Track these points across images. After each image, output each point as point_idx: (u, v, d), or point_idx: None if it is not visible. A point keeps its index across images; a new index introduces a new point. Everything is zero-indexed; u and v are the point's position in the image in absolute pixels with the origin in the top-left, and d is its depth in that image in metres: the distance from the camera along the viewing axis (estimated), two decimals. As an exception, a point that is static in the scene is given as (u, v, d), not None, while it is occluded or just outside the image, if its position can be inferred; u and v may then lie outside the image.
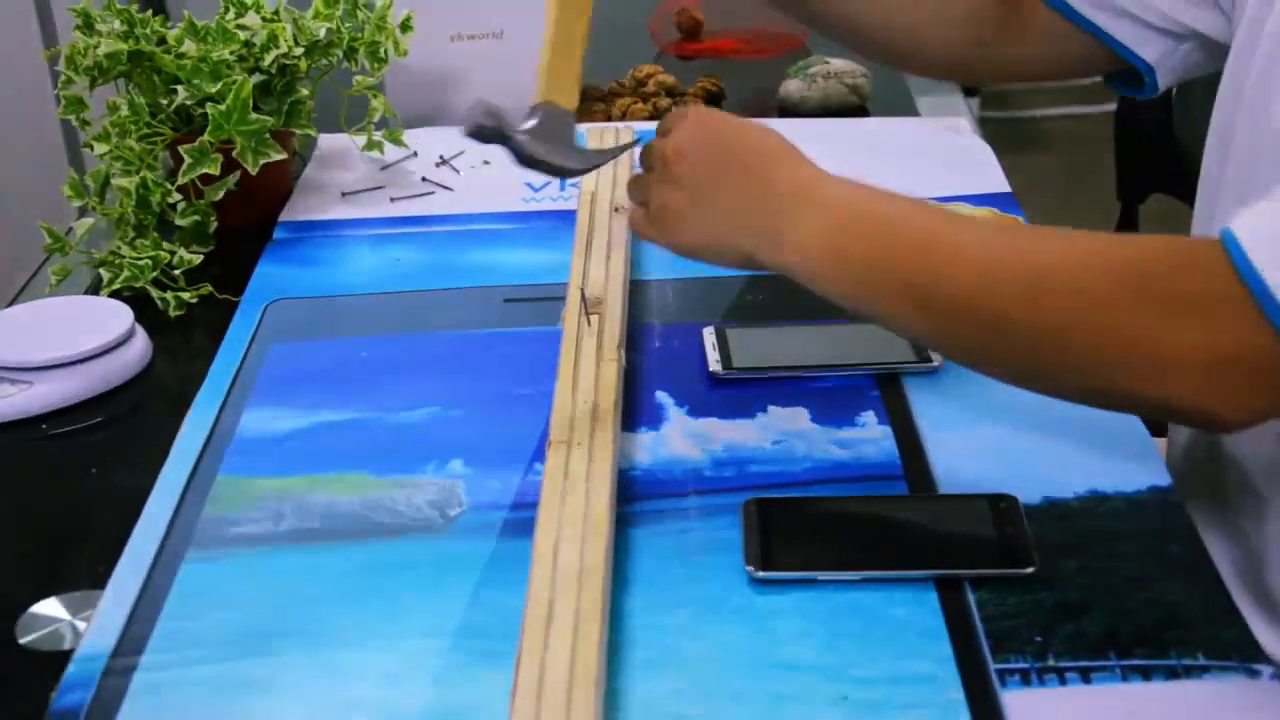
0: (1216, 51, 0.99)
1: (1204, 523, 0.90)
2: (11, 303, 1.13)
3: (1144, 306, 0.71)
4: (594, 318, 0.98)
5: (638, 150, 0.91)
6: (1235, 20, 0.95)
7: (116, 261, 1.12)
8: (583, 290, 1.00)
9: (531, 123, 0.88)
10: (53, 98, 1.22)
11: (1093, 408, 0.79)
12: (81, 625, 0.77)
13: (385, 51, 1.26)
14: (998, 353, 0.76)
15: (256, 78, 1.17)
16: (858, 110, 1.46)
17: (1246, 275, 0.68)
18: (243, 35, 1.19)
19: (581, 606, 0.71)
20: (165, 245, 1.13)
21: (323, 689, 0.72)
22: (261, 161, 1.15)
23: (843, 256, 0.81)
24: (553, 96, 0.90)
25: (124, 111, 1.16)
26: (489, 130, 0.86)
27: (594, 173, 1.21)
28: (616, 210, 1.14)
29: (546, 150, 0.88)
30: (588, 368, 0.92)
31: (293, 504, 0.86)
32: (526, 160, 0.88)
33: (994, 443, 0.90)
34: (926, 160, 1.29)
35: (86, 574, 0.81)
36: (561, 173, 0.92)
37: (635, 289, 1.08)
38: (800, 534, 0.81)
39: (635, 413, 0.93)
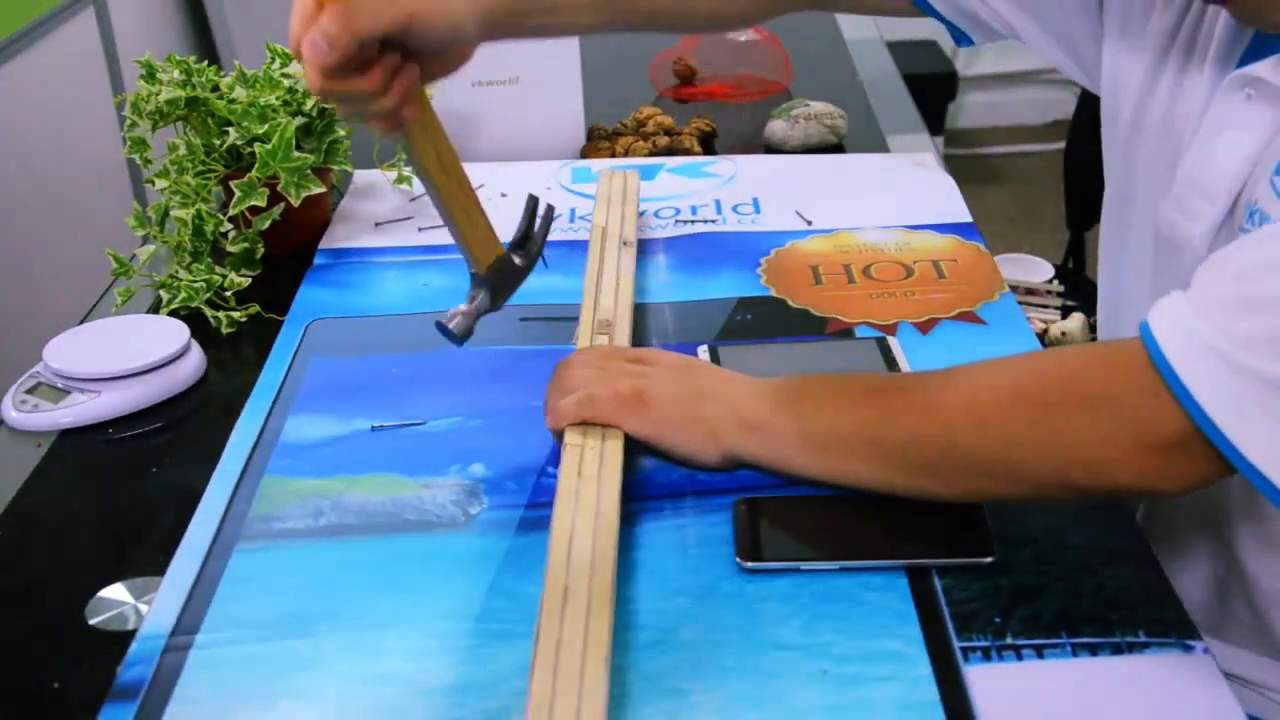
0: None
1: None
2: (82, 321, 1.13)
3: (1077, 414, 0.72)
4: (604, 336, 0.97)
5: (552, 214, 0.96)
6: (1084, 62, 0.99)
7: (174, 284, 1.12)
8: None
9: (477, 298, 0.91)
10: (120, 139, 1.22)
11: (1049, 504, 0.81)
12: (144, 608, 0.77)
13: (414, 97, 1.26)
14: (950, 476, 0.76)
15: (299, 120, 1.17)
16: (835, 148, 1.46)
17: (1160, 364, 0.68)
18: (287, 83, 1.19)
19: (593, 591, 0.71)
20: (218, 270, 1.13)
21: (358, 665, 0.72)
22: (303, 194, 1.15)
23: (797, 407, 0.82)
24: (485, 256, 0.91)
25: (182, 151, 1.16)
26: (447, 332, 0.89)
27: (603, 207, 1.21)
28: (625, 244, 1.13)
29: (485, 301, 0.91)
30: None
31: (331, 502, 0.86)
32: (466, 333, 0.90)
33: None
34: (896, 193, 1.29)
35: (148, 562, 0.81)
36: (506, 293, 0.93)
37: (638, 311, 1.08)
38: (785, 529, 0.81)
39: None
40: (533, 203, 0.95)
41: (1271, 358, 0.65)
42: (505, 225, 1.27)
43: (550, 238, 1.04)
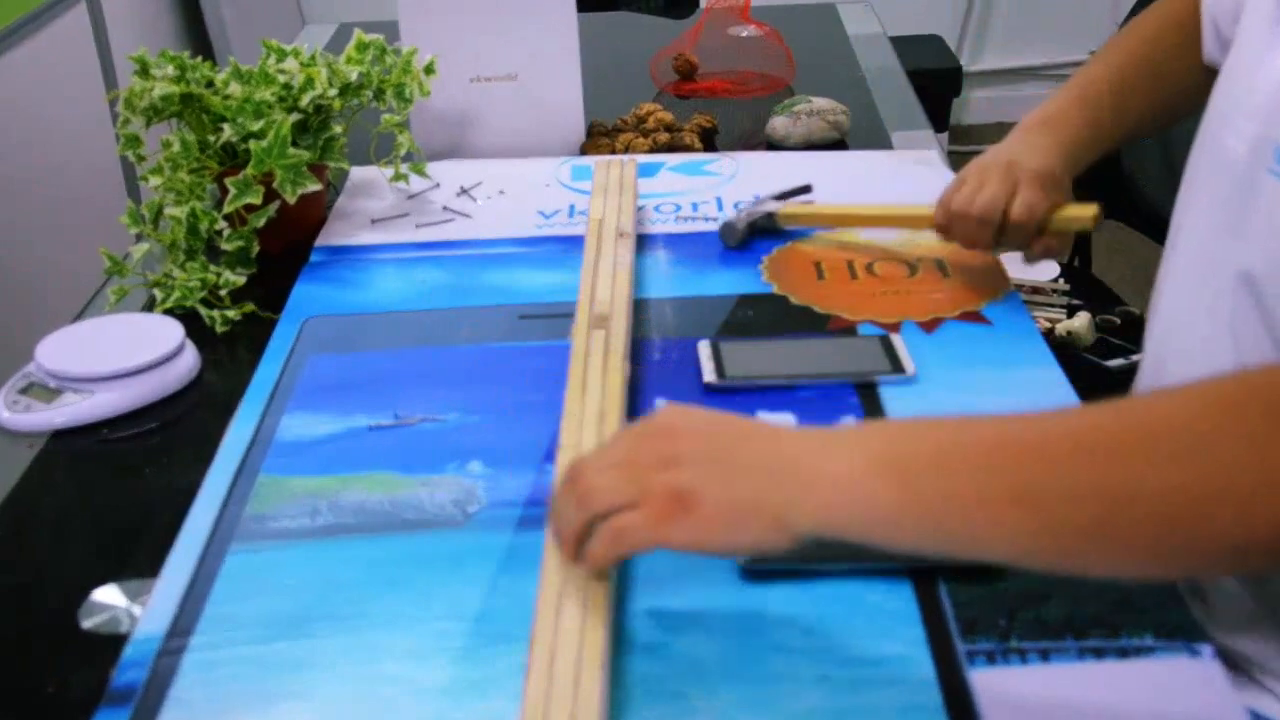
0: None
1: None
2: (75, 320, 1.13)
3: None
4: (600, 332, 0.98)
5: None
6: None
7: (169, 283, 1.12)
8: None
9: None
10: (113, 136, 1.22)
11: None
12: (137, 610, 0.77)
13: (410, 92, 1.26)
14: (1119, 532, 0.60)
15: (295, 116, 1.17)
16: (838, 144, 1.46)
17: None
18: (282, 78, 1.19)
19: (589, 593, 0.71)
20: (212, 268, 1.13)
21: (354, 666, 0.72)
22: (299, 192, 1.15)
23: (900, 471, 0.63)
24: None
25: (176, 148, 1.16)
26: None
27: (600, 198, 1.22)
28: (621, 236, 1.14)
29: None
30: (595, 378, 0.92)
31: (327, 501, 0.86)
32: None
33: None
34: (900, 189, 1.29)
35: (142, 563, 0.81)
36: None
37: (638, 306, 1.08)
38: None
39: (637, 419, 0.93)
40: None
41: None
42: (506, 225, 1.28)
43: (548, 233, 1.04)
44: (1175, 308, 0.99)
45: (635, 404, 0.94)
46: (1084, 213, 1.05)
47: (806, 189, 1.25)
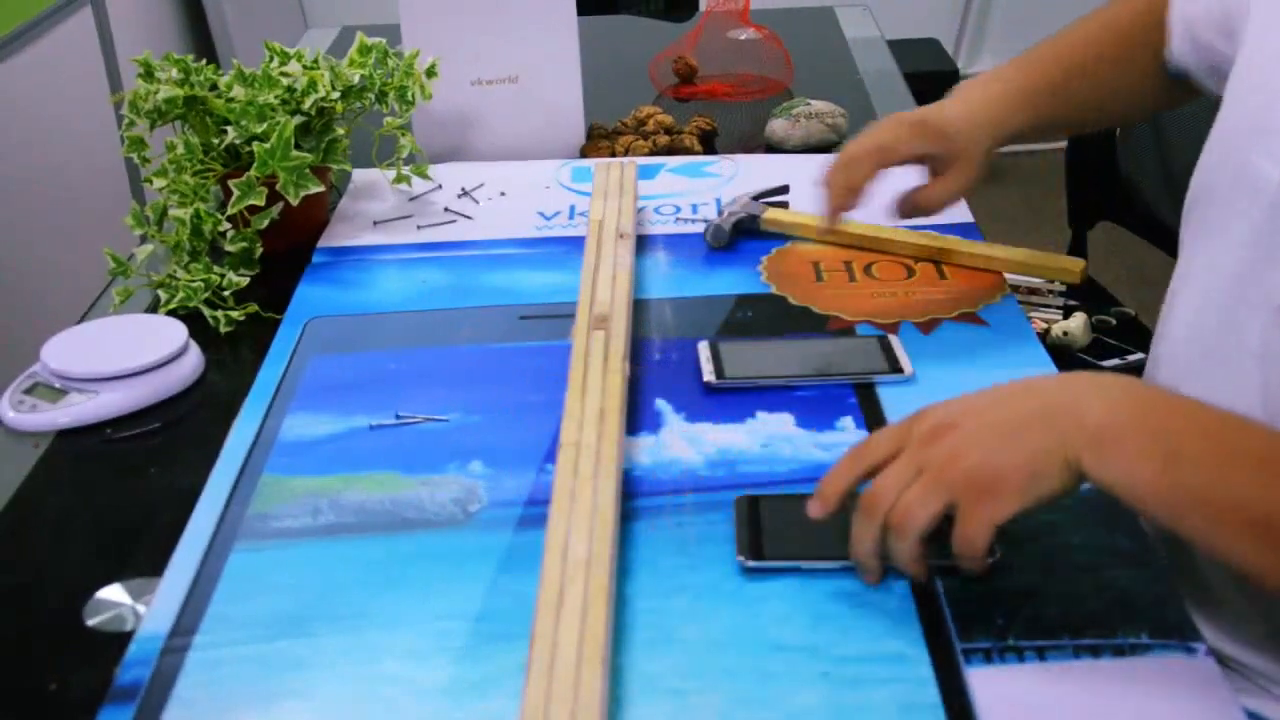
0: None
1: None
2: (80, 321, 1.13)
3: None
4: (600, 332, 0.98)
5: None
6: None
7: (172, 284, 1.12)
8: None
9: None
10: (118, 138, 1.22)
11: None
12: (142, 609, 0.77)
13: (412, 95, 1.26)
14: None
15: (298, 119, 1.17)
16: (836, 146, 1.46)
17: None
18: (285, 81, 1.19)
19: (589, 592, 0.71)
20: (216, 269, 1.13)
21: (356, 665, 0.72)
22: (302, 194, 1.15)
23: (1166, 443, 0.66)
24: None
25: (180, 150, 1.16)
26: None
27: (600, 199, 1.22)
28: (621, 237, 1.14)
29: None
30: (595, 378, 0.92)
31: (329, 500, 0.86)
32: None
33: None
34: (896, 190, 1.28)
35: (146, 563, 0.81)
36: None
37: (637, 307, 1.08)
38: (786, 527, 0.81)
39: (637, 418, 0.93)
40: None
41: None
42: (506, 226, 1.28)
43: (549, 235, 1.05)
44: (1192, 333, 0.93)
45: (635, 404, 0.94)
46: (1072, 266, 1.09)
47: (784, 189, 1.25)
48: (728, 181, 1.34)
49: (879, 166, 1.01)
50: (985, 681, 0.69)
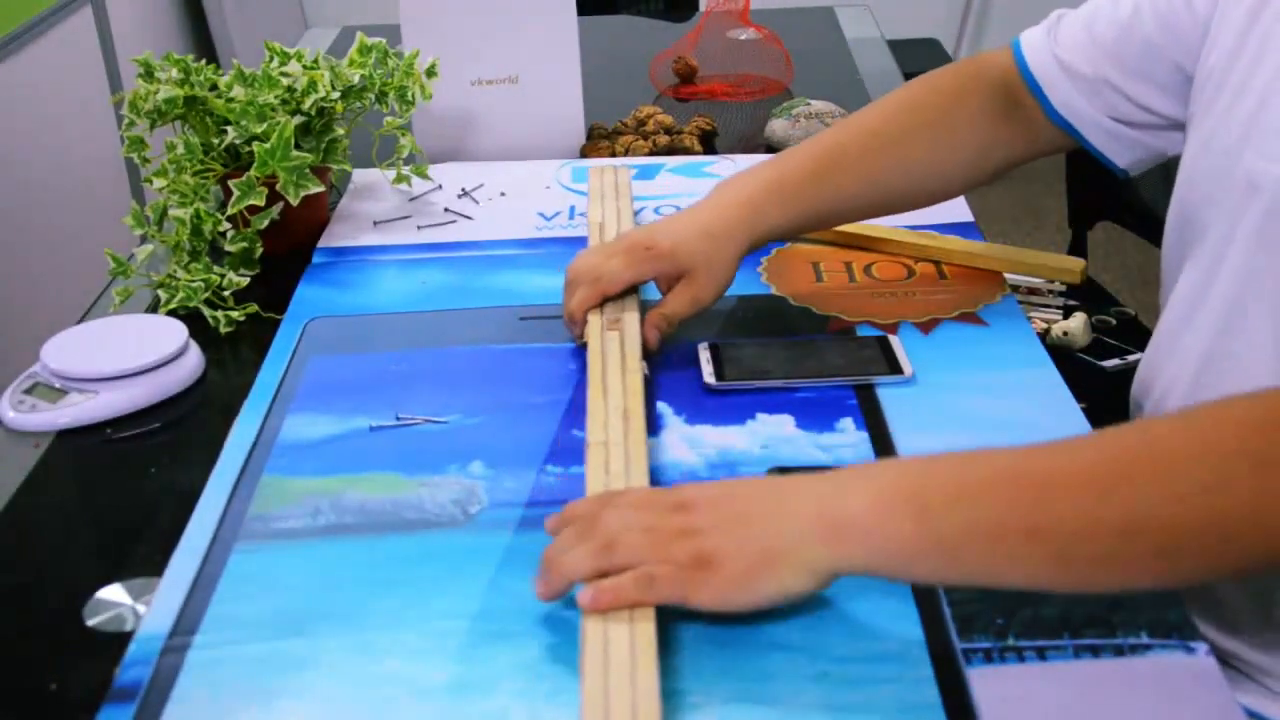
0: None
1: None
2: (80, 321, 1.13)
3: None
4: (615, 333, 0.97)
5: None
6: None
7: (173, 284, 1.12)
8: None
9: None
10: (118, 138, 1.22)
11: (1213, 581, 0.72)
12: (142, 609, 0.77)
13: (413, 95, 1.26)
14: (1133, 560, 0.64)
15: (298, 119, 1.17)
16: (836, 147, 1.45)
17: None
18: (285, 81, 1.19)
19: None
20: (216, 269, 1.13)
21: (356, 665, 0.72)
22: (302, 194, 1.15)
23: (918, 507, 0.66)
24: None
25: (180, 150, 1.16)
26: None
27: (597, 203, 1.22)
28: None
29: None
30: (615, 378, 0.92)
31: (330, 501, 0.86)
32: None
33: (961, 445, 0.89)
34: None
35: (146, 563, 0.81)
36: None
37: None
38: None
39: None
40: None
41: None
42: (506, 226, 1.28)
43: (549, 235, 1.05)
44: (1192, 341, 0.92)
45: (635, 404, 0.94)
46: (1072, 266, 1.09)
47: None
48: (727, 182, 1.33)
49: (601, 296, 0.99)
50: (985, 681, 0.69)
